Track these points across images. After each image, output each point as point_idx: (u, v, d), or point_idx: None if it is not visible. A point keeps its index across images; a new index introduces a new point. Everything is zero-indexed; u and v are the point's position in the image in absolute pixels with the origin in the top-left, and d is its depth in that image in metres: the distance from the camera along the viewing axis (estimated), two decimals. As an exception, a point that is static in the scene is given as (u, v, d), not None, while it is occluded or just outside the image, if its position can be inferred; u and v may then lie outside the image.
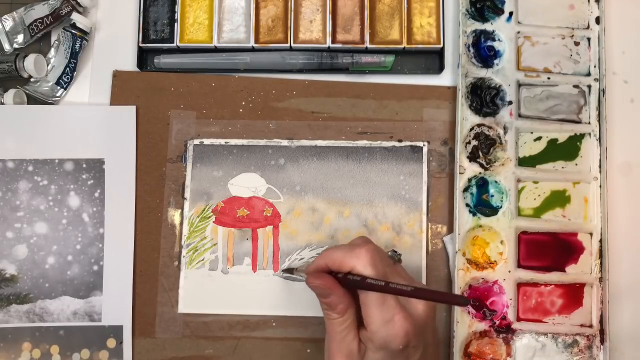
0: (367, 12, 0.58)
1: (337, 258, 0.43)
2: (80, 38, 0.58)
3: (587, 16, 0.58)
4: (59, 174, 0.57)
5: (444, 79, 0.58)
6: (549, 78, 0.57)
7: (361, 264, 0.42)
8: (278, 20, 0.58)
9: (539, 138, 0.56)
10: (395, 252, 0.49)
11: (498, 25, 0.57)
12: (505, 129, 0.56)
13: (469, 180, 0.55)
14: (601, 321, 0.54)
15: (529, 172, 0.56)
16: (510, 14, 0.57)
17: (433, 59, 0.59)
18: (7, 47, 0.57)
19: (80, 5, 0.59)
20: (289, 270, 0.53)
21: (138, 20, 0.58)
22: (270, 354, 0.55)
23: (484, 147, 0.56)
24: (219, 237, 0.56)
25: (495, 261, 0.54)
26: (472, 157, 0.55)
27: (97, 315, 0.55)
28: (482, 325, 0.54)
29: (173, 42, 0.58)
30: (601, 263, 0.54)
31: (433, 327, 0.44)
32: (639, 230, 0.57)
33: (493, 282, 0.54)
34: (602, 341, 0.54)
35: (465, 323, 0.53)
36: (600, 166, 0.55)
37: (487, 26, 0.57)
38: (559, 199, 0.55)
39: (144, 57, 0.59)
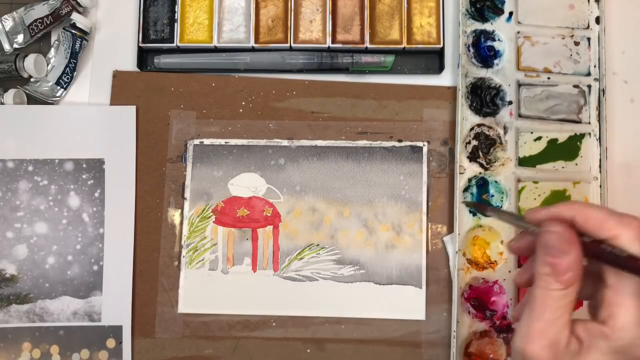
0: (367, 12, 0.58)
1: (597, 217, 0.32)
2: (80, 38, 0.58)
3: (587, 16, 0.58)
4: (59, 174, 0.57)
5: (444, 79, 0.58)
6: (549, 78, 0.57)
7: (629, 236, 0.31)
8: (278, 20, 0.58)
9: (539, 138, 0.56)
10: None
11: (498, 25, 0.57)
12: (505, 129, 0.56)
13: (469, 180, 0.55)
14: (601, 321, 0.54)
15: (529, 172, 0.56)
16: (510, 14, 0.57)
17: (433, 59, 0.59)
18: (7, 47, 0.57)
19: (80, 5, 0.59)
20: (480, 207, 0.46)
21: (138, 20, 0.58)
22: (270, 354, 0.55)
23: (484, 147, 0.56)
24: (219, 237, 0.56)
25: (495, 261, 0.54)
26: (472, 157, 0.55)
27: (97, 315, 0.55)
28: (483, 325, 0.54)
29: (173, 42, 0.58)
30: (601, 263, 0.54)
31: None
32: (639, 230, 0.56)
33: (493, 282, 0.54)
34: (602, 341, 0.54)
35: (465, 323, 0.53)
36: (600, 166, 0.55)
37: (487, 26, 0.57)
38: (559, 199, 0.55)
39: (144, 57, 0.59)
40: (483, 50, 0.57)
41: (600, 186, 0.55)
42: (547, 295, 0.32)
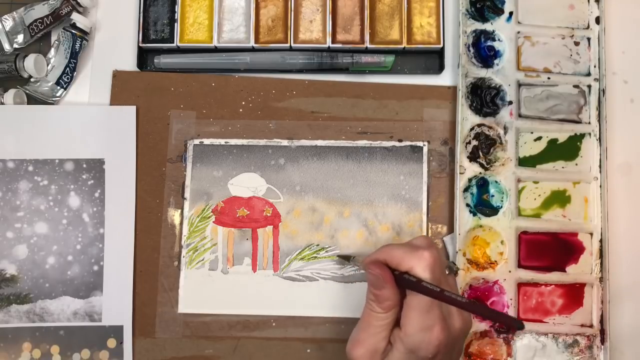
0: (367, 12, 0.58)
1: (397, 256, 0.42)
2: (80, 38, 0.58)
3: (587, 16, 0.58)
4: (59, 174, 0.57)
5: (444, 79, 0.58)
6: (549, 78, 0.57)
7: (421, 267, 0.41)
8: (278, 20, 0.58)
9: (539, 138, 0.56)
10: (454, 264, 0.50)
11: (498, 25, 0.57)
12: (505, 129, 0.56)
13: (469, 180, 0.55)
14: (601, 321, 0.54)
15: (529, 172, 0.56)
16: (510, 14, 0.57)
17: (433, 59, 0.59)
18: (7, 47, 0.57)
19: (80, 5, 0.59)
20: (345, 258, 0.53)
21: (138, 20, 0.58)
22: (270, 354, 0.55)
23: (484, 147, 0.56)
24: (219, 237, 0.56)
25: (495, 261, 0.54)
26: (473, 157, 0.55)
27: (98, 316, 0.55)
28: (483, 325, 0.54)
29: (173, 42, 0.58)
30: (601, 263, 0.54)
31: (461, 345, 0.45)
32: (639, 230, 0.57)
33: (493, 282, 0.54)
34: (602, 341, 0.54)
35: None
36: (600, 166, 0.55)
37: (487, 26, 0.57)
38: (559, 199, 0.55)
39: (144, 57, 0.59)
40: (483, 50, 0.57)
41: (600, 186, 0.55)
42: (372, 317, 0.43)
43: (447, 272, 0.44)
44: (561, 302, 0.54)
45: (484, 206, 0.55)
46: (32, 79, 0.57)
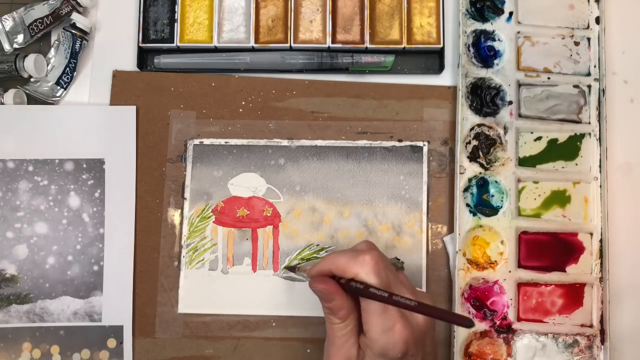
0: (367, 12, 0.58)
1: (341, 264, 0.42)
2: (80, 38, 0.58)
3: (587, 16, 0.58)
4: (59, 174, 0.57)
5: (444, 79, 0.58)
6: (549, 78, 0.57)
7: (364, 272, 0.41)
8: (278, 20, 0.58)
9: (539, 138, 0.56)
10: (398, 259, 0.50)
11: (498, 25, 0.57)
12: (505, 129, 0.56)
13: (469, 180, 0.55)
14: (601, 321, 0.54)
15: (529, 172, 0.56)
16: (510, 14, 0.57)
17: (433, 59, 0.59)
18: (7, 47, 0.57)
19: (80, 5, 0.59)
20: (291, 269, 0.53)
21: (138, 20, 0.58)
22: (270, 354, 0.55)
23: (484, 147, 0.56)
24: (219, 237, 0.56)
25: (495, 261, 0.54)
26: (473, 157, 0.55)
27: (98, 316, 0.55)
28: (483, 326, 0.54)
29: (173, 42, 0.58)
30: (601, 263, 0.54)
31: (432, 336, 0.44)
32: (639, 230, 0.57)
33: (493, 282, 0.54)
34: (602, 341, 0.54)
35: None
36: (600, 166, 0.55)
37: (487, 26, 0.57)
38: (559, 199, 0.55)
39: (144, 57, 0.59)
40: (483, 50, 0.57)
41: (600, 186, 0.55)
42: (334, 328, 0.43)
43: (395, 269, 0.44)
44: (561, 302, 0.54)
45: (484, 206, 0.55)
46: (32, 79, 0.57)
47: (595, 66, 0.57)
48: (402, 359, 0.41)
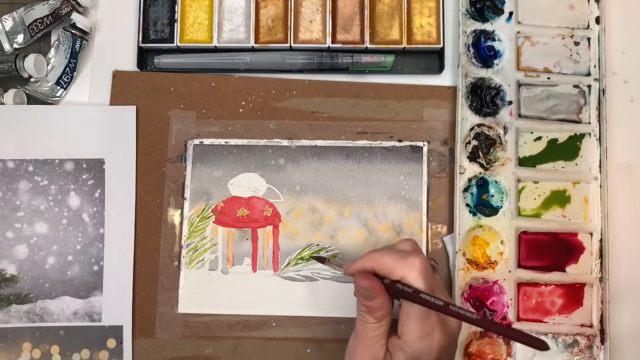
0: (367, 12, 0.58)
1: (387, 264, 0.41)
2: (80, 38, 0.58)
3: (587, 16, 0.58)
4: (59, 174, 0.57)
5: (444, 79, 0.58)
6: (549, 78, 0.57)
7: (414, 276, 0.40)
8: (278, 20, 0.58)
9: (539, 138, 0.56)
10: (434, 260, 0.49)
11: (498, 25, 0.57)
12: (505, 129, 0.56)
13: (469, 180, 0.55)
14: (601, 321, 0.54)
15: (529, 172, 0.56)
16: (510, 14, 0.57)
17: (433, 59, 0.59)
18: (7, 47, 0.57)
19: (80, 5, 0.59)
20: (320, 259, 0.51)
21: (138, 20, 0.58)
22: (270, 354, 0.55)
23: (484, 147, 0.56)
24: (219, 237, 0.56)
25: (495, 261, 0.54)
26: (472, 157, 0.55)
27: (97, 316, 0.55)
28: (482, 325, 0.54)
29: (173, 42, 0.58)
30: (601, 263, 0.54)
31: (456, 343, 0.44)
32: (639, 230, 0.57)
33: (493, 282, 0.54)
34: (602, 341, 0.54)
35: (465, 323, 0.53)
36: (600, 166, 0.55)
37: (487, 26, 0.57)
38: (559, 199, 0.55)
39: (144, 57, 0.59)
40: (483, 50, 0.57)
41: (600, 186, 0.55)
42: (367, 327, 0.42)
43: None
44: (561, 302, 0.54)
45: (483, 206, 0.55)
46: (32, 79, 0.57)
47: (595, 66, 0.57)
48: None
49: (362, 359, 0.41)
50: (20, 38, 0.57)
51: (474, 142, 0.56)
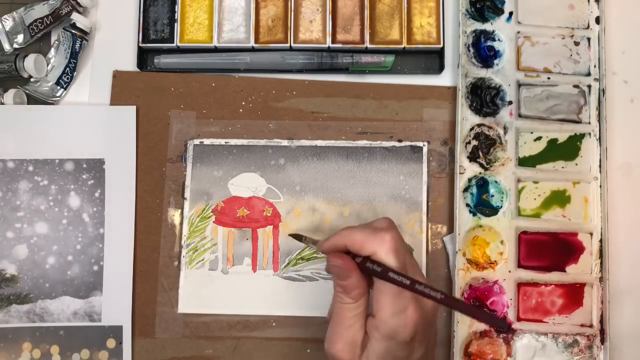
0: (367, 12, 0.58)
1: (358, 240, 0.40)
2: (80, 38, 0.58)
3: (587, 16, 0.58)
4: (59, 174, 0.57)
5: (444, 79, 0.58)
6: (549, 78, 0.57)
7: (384, 251, 0.39)
8: (278, 20, 0.58)
9: (539, 138, 0.56)
10: (408, 245, 0.49)
11: (498, 25, 0.57)
12: (505, 129, 0.56)
13: (469, 180, 0.55)
14: (601, 321, 0.54)
15: (529, 172, 0.56)
16: (510, 14, 0.57)
17: (433, 59, 0.59)
18: (7, 47, 0.57)
19: (80, 5, 0.59)
20: (297, 237, 0.50)
21: (138, 20, 0.58)
22: (270, 354, 0.55)
23: (484, 147, 0.56)
24: (219, 237, 0.56)
25: (495, 261, 0.54)
26: (472, 157, 0.55)
27: (97, 316, 0.55)
28: (483, 325, 0.54)
29: (173, 42, 0.58)
30: (601, 263, 0.54)
31: (436, 326, 0.44)
32: (639, 230, 0.57)
33: (493, 282, 0.54)
34: (602, 341, 0.54)
35: (465, 323, 0.53)
36: (600, 166, 0.55)
37: (487, 26, 0.57)
38: (559, 199, 0.55)
39: (144, 57, 0.59)
40: (483, 50, 0.57)
41: (600, 186, 0.55)
42: (343, 308, 0.41)
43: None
44: (561, 302, 0.54)
45: (483, 206, 0.55)
46: (32, 79, 0.57)
47: (595, 66, 0.57)
48: (409, 344, 0.40)
49: (342, 341, 0.40)
50: (20, 38, 0.57)
51: (474, 142, 0.56)
